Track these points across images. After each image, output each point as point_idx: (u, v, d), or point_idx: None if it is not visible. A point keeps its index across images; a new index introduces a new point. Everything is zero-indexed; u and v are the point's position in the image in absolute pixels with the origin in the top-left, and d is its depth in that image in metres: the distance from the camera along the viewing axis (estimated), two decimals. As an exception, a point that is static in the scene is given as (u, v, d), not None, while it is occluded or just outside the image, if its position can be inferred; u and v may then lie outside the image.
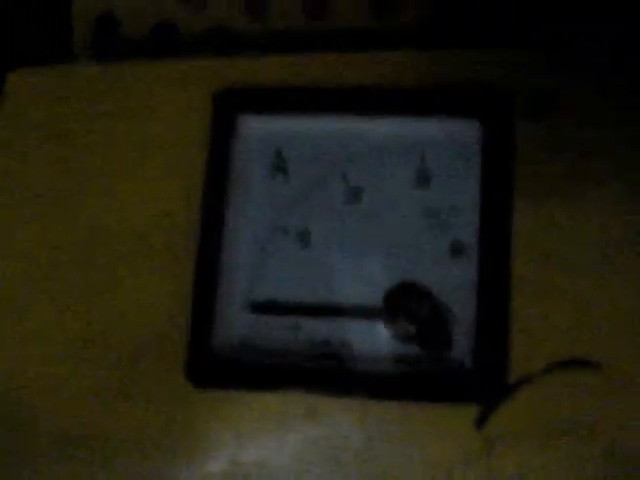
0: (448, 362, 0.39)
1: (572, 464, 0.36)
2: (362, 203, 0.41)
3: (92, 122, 0.45)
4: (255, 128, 0.43)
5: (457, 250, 0.40)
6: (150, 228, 0.43)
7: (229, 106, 0.42)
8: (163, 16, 0.51)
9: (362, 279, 0.41)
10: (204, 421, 0.40)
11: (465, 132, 0.40)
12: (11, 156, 0.45)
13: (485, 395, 0.38)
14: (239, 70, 0.43)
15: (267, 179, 0.43)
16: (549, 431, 0.37)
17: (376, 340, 0.40)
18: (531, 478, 0.37)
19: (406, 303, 0.40)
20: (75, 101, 0.45)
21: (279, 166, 0.42)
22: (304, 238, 0.42)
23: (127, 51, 0.50)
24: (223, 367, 0.40)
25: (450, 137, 0.40)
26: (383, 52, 0.42)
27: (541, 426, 0.37)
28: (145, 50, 0.50)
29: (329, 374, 0.40)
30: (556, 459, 0.37)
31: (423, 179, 0.41)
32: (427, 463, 0.38)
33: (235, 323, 0.42)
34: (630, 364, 0.37)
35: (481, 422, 0.38)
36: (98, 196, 0.44)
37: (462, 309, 0.39)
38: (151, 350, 0.42)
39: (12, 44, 0.51)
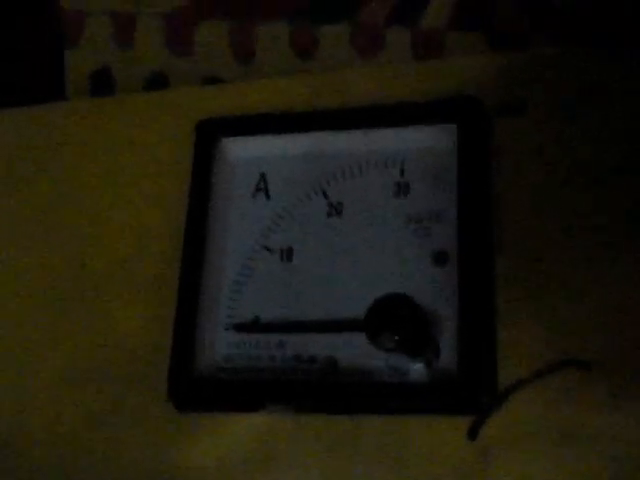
0: (437, 372, 0.38)
1: (572, 472, 0.35)
2: (343, 217, 0.41)
3: (81, 154, 0.46)
4: (237, 152, 0.43)
5: (440, 258, 0.39)
6: (133, 256, 0.43)
7: (211, 131, 0.43)
8: (156, 69, 0.53)
9: (346, 293, 0.40)
10: (189, 446, 0.39)
11: (442, 138, 0.40)
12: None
13: (476, 404, 0.36)
14: (221, 97, 0.44)
15: (249, 200, 0.43)
16: (545, 438, 0.35)
17: (363, 353, 0.39)
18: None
19: (389, 314, 0.38)
20: (64, 134, 0.46)
21: (260, 187, 0.43)
22: (287, 255, 0.41)
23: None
24: (207, 388, 0.40)
25: (427, 145, 0.40)
26: (357, 70, 0.42)
27: (537, 433, 0.35)
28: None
29: (317, 390, 0.38)
30: (554, 468, 0.35)
31: (403, 189, 0.40)
32: (420, 477, 0.36)
33: (218, 344, 0.41)
34: (622, 363, 0.35)
35: (474, 433, 0.36)
36: (84, 226, 0.45)
37: (448, 318, 0.38)
38: (136, 376, 0.41)
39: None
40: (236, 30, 0.52)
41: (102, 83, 0.53)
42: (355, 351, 0.39)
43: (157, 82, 0.53)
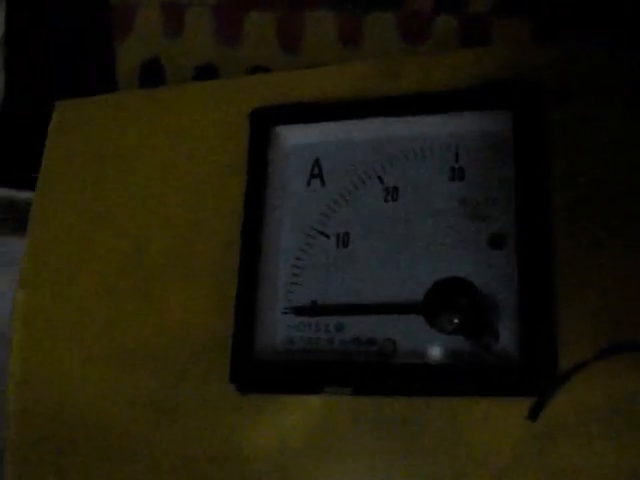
0: (496, 355, 0.38)
1: (634, 455, 0.35)
2: (399, 202, 0.42)
3: (136, 143, 0.47)
4: (291, 139, 0.44)
5: (497, 241, 0.40)
6: (193, 240, 0.44)
7: (265, 119, 0.44)
8: (204, 59, 0.53)
9: (403, 276, 0.41)
10: (250, 427, 0.40)
11: (496, 124, 0.40)
12: (60, 178, 0.48)
13: (536, 386, 0.37)
14: (273, 86, 0.45)
15: (304, 187, 0.43)
16: (607, 420, 0.35)
17: (421, 335, 0.39)
18: (587, 472, 0.35)
19: (448, 297, 0.39)
20: (120, 125, 0.47)
21: (315, 173, 0.43)
22: (344, 240, 0.42)
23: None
24: (267, 371, 0.40)
25: (482, 130, 0.41)
26: (409, 58, 0.43)
27: (598, 415, 0.36)
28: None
29: (376, 372, 0.39)
30: (615, 450, 0.35)
31: (458, 173, 0.41)
32: (478, 460, 0.37)
33: (278, 327, 0.42)
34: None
35: (535, 414, 0.37)
36: (143, 213, 0.46)
37: (506, 300, 0.39)
38: (196, 359, 0.42)
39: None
40: (283, 20, 0.52)
41: (152, 74, 0.54)
42: (414, 333, 0.39)
43: (206, 72, 0.53)
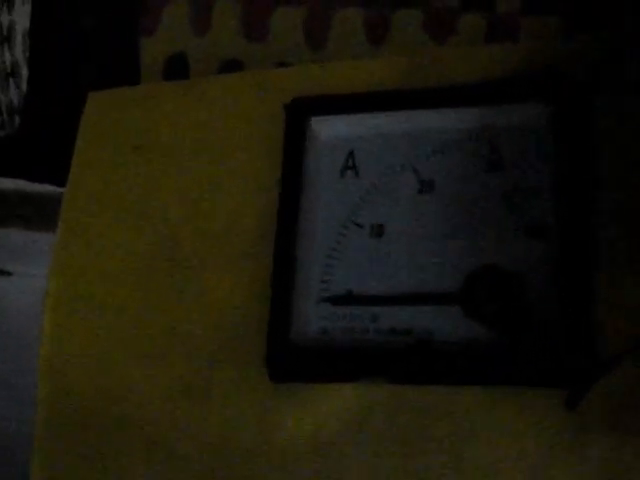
0: (533, 343, 0.38)
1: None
2: (435, 194, 0.41)
3: (169, 134, 0.47)
4: (326, 130, 0.44)
5: (535, 231, 0.40)
6: (228, 228, 0.44)
7: (301, 111, 0.44)
8: (230, 54, 0.53)
9: (439, 267, 0.41)
10: (284, 414, 0.40)
11: (533, 114, 0.40)
12: (92, 165, 0.48)
13: (573, 376, 0.36)
14: (308, 78, 0.45)
15: (339, 177, 0.43)
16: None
17: (458, 326, 0.39)
18: (627, 464, 0.35)
19: (484, 286, 0.39)
20: (152, 115, 0.47)
21: (350, 165, 0.43)
22: (377, 231, 0.42)
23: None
24: (302, 360, 0.40)
25: (517, 121, 0.41)
26: (443, 50, 0.43)
27: (637, 407, 0.36)
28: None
29: (412, 362, 0.39)
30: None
31: (495, 165, 0.41)
32: (515, 450, 0.37)
33: (313, 316, 0.42)
34: None
35: (573, 404, 0.37)
36: (176, 201, 0.46)
37: (543, 290, 0.39)
38: (230, 345, 0.42)
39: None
40: (311, 16, 0.52)
41: (176, 69, 0.53)
42: (450, 323, 0.39)
43: (230, 68, 0.53)
